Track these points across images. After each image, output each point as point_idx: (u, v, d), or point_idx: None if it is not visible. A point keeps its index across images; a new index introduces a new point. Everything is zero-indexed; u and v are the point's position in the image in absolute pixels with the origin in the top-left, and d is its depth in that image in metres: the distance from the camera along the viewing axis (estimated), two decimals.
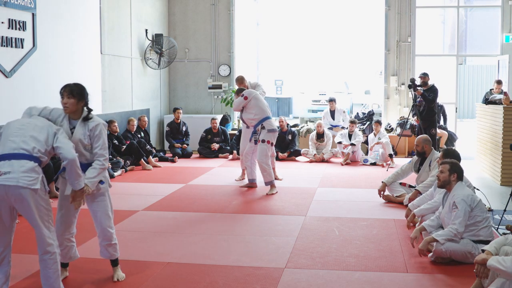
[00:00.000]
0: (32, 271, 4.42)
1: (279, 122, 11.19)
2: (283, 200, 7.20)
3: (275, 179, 7.99)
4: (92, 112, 4.08)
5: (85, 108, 4.04)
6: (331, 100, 11.87)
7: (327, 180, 8.62)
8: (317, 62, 21.24)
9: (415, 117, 10.95)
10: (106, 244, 4.21)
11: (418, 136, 6.88)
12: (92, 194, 4.05)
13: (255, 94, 7.76)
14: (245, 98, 7.66)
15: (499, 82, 10.44)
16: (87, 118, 4.00)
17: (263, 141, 7.55)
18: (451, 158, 5.25)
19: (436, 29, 18.51)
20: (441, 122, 11.52)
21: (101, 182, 4.06)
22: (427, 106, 10.22)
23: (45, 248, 3.70)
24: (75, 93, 3.96)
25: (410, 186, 6.99)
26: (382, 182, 6.98)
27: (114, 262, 4.28)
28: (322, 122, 11.42)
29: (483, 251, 3.69)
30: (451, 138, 11.50)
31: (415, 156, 6.87)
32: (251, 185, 7.92)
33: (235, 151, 10.99)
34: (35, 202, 3.55)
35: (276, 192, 7.53)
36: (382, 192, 6.94)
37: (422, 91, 10.14)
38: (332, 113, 11.81)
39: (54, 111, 4.03)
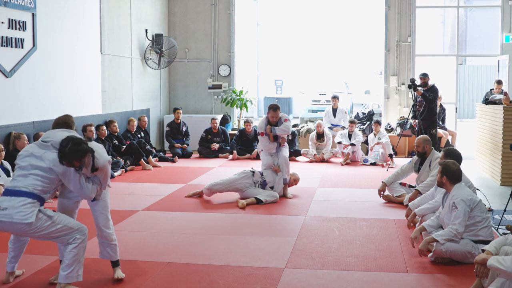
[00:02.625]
0: (33, 271, 4.42)
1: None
2: (283, 200, 7.20)
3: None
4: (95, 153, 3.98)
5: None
6: (335, 97, 11.84)
7: (327, 180, 8.62)
8: (317, 62, 21.22)
9: (413, 120, 10.95)
10: (104, 244, 4.23)
11: (418, 137, 6.88)
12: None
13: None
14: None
15: (499, 82, 10.43)
16: (94, 170, 3.99)
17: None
18: (452, 159, 5.26)
19: (436, 29, 18.50)
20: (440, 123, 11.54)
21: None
22: (427, 106, 10.23)
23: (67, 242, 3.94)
24: (73, 162, 3.85)
25: (410, 186, 6.99)
26: (382, 182, 6.98)
27: (115, 263, 4.28)
28: (322, 122, 11.42)
29: (483, 251, 3.69)
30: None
31: (415, 156, 6.87)
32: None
33: (235, 151, 11.00)
34: (32, 232, 3.76)
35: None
36: (382, 192, 6.94)
37: (422, 91, 10.15)
38: (334, 111, 11.79)
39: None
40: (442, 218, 4.78)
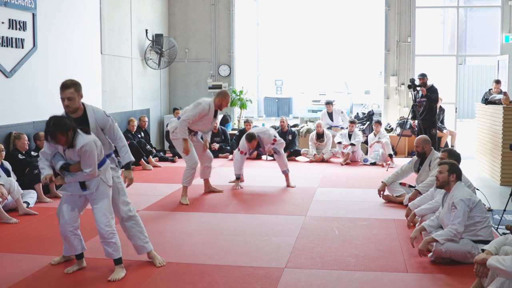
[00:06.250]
0: (32, 271, 4.42)
1: (280, 122, 11.19)
2: (283, 200, 7.20)
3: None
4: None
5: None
6: (328, 103, 11.88)
7: (327, 180, 8.62)
8: (317, 62, 21.24)
9: (412, 120, 10.96)
10: (103, 242, 4.27)
11: (417, 137, 6.88)
12: (93, 193, 4.22)
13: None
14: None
15: (497, 82, 10.46)
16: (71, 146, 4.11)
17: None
18: (453, 159, 5.28)
19: (436, 29, 18.53)
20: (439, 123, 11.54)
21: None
22: (427, 106, 10.25)
23: None
24: (58, 136, 4.01)
25: (410, 186, 7.00)
26: (382, 182, 6.98)
27: (115, 261, 4.30)
28: (322, 122, 11.43)
29: (483, 250, 3.70)
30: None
31: (415, 156, 6.88)
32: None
33: (235, 151, 10.99)
34: None
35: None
36: (382, 192, 6.94)
37: (425, 90, 10.20)
38: (330, 115, 11.81)
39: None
40: (442, 218, 4.79)
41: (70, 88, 4.32)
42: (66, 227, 4.26)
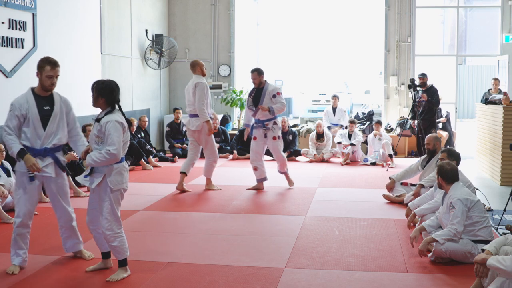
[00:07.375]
0: (32, 271, 4.43)
1: (282, 122, 11.17)
2: (283, 200, 7.21)
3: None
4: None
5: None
6: (335, 96, 11.89)
7: (327, 180, 8.62)
8: (317, 62, 21.24)
9: (412, 121, 10.97)
10: (107, 244, 4.27)
11: (428, 135, 6.96)
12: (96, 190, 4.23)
13: None
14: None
15: (496, 79, 10.49)
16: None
17: (279, 137, 7.74)
18: (453, 158, 5.28)
19: (436, 29, 18.51)
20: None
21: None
22: (427, 106, 10.27)
23: None
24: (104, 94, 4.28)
25: (412, 185, 7.00)
26: (391, 178, 6.99)
27: (119, 263, 4.30)
28: (322, 121, 11.44)
29: (483, 250, 3.70)
30: (450, 140, 11.51)
31: (425, 155, 6.91)
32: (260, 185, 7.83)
33: (235, 151, 11.00)
34: None
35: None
36: (391, 190, 6.96)
37: (426, 95, 10.22)
38: (334, 110, 11.82)
39: None
40: (441, 219, 4.79)
41: (59, 67, 4.72)
42: (89, 225, 4.39)
